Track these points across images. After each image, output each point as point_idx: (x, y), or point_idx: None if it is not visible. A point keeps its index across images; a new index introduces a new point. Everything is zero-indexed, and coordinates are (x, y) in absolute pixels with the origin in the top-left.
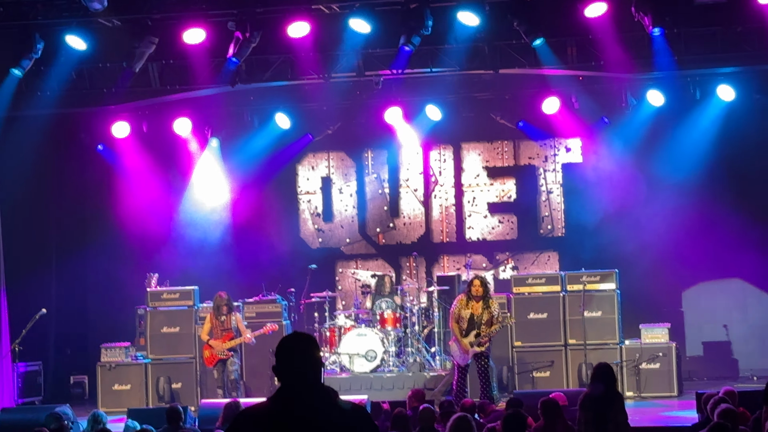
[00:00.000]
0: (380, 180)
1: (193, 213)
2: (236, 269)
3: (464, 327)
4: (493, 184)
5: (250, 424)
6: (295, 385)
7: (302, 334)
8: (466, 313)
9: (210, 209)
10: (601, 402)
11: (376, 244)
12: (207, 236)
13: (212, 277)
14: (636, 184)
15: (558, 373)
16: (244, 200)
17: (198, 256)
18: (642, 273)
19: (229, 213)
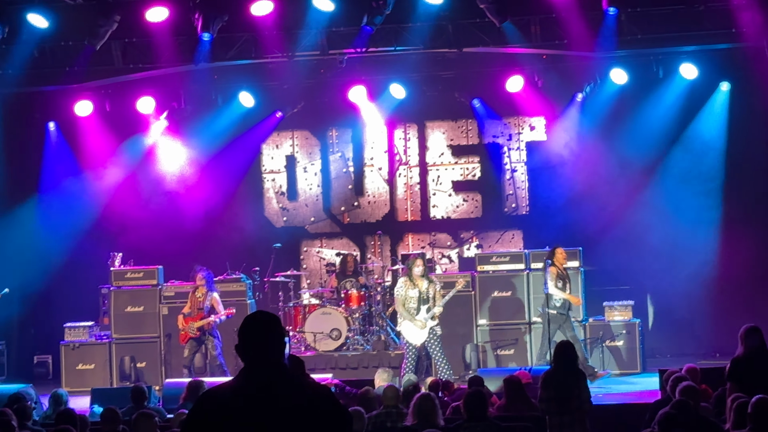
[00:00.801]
0: (345, 159)
1: (156, 192)
2: (200, 248)
3: (414, 306)
4: (457, 162)
5: (214, 404)
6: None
7: (265, 313)
8: (413, 293)
9: (173, 188)
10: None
11: (340, 222)
12: (171, 215)
13: (176, 256)
14: (600, 162)
15: (521, 351)
16: (208, 179)
17: (162, 235)
18: (606, 251)
19: (193, 192)
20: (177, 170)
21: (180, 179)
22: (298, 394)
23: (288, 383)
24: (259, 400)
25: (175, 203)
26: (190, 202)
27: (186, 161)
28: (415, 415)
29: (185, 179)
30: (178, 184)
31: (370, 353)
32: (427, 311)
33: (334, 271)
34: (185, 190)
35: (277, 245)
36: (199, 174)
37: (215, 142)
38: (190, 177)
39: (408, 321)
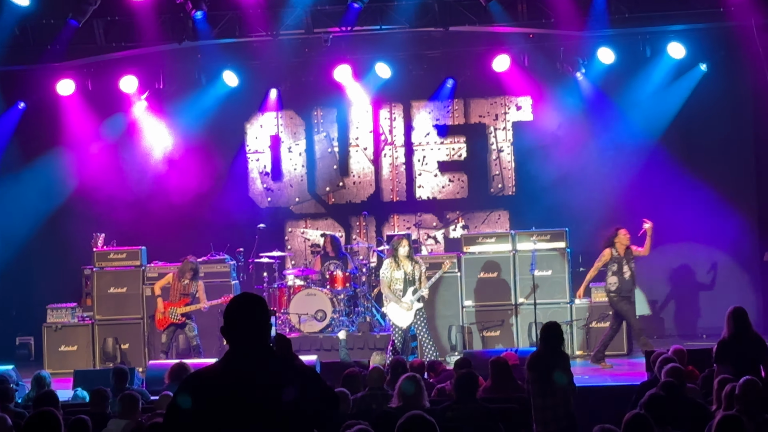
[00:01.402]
0: (329, 139)
1: (140, 172)
2: (184, 229)
3: (400, 288)
4: (443, 142)
5: (200, 386)
6: (244, 346)
7: (251, 294)
8: (398, 274)
9: (157, 168)
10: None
11: (325, 203)
12: (154, 195)
13: (160, 236)
14: (588, 143)
15: (508, 333)
16: (191, 159)
17: (146, 215)
18: (593, 232)
19: (176, 172)
20: (160, 150)
21: (163, 159)
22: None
23: (274, 365)
24: (245, 382)
25: (158, 183)
26: (174, 182)
27: (169, 141)
28: (401, 397)
29: (169, 159)
30: (161, 164)
31: (355, 335)
32: (413, 293)
33: (319, 252)
34: (169, 170)
35: (262, 226)
36: (183, 154)
37: (199, 122)
38: (174, 157)
39: (394, 303)
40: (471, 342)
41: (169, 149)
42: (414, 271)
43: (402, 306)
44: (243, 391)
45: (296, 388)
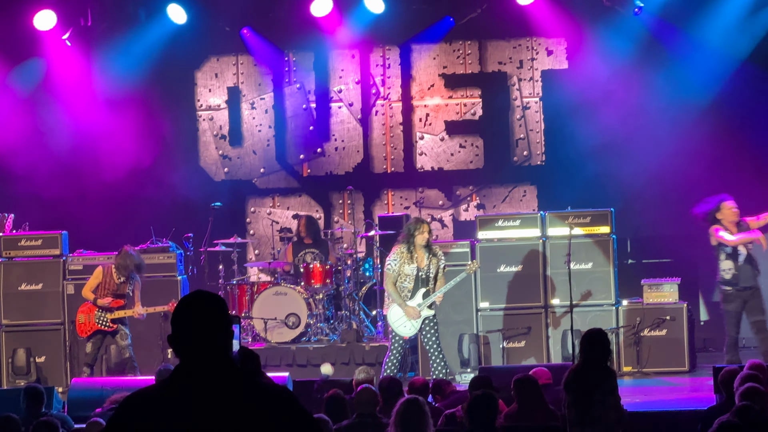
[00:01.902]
0: (305, 91)
1: (59, 133)
2: (116, 208)
3: (409, 287)
4: (452, 96)
5: (140, 412)
6: (197, 361)
7: (205, 293)
8: (410, 268)
9: (81, 130)
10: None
11: (299, 175)
12: (78, 164)
13: (86, 218)
14: (640, 99)
15: (536, 343)
16: (126, 118)
17: (67, 190)
18: (645, 214)
19: (106, 135)
20: (86, 107)
21: (90, 117)
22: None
23: (235, 385)
24: (198, 406)
25: (84, 149)
26: (104, 147)
27: (99, 94)
28: (399, 426)
29: (98, 118)
30: (87, 123)
31: (338, 346)
32: (424, 296)
33: (291, 238)
34: (97, 133)
35: (217, 204)
36: (116, 112)
37: (136, 70)
38: (104, 115)
39: (398, 305)
40: (489, 355)
41: (98, 105)
42: (430, 268)
43: (407, 311)
44: (195, 419)
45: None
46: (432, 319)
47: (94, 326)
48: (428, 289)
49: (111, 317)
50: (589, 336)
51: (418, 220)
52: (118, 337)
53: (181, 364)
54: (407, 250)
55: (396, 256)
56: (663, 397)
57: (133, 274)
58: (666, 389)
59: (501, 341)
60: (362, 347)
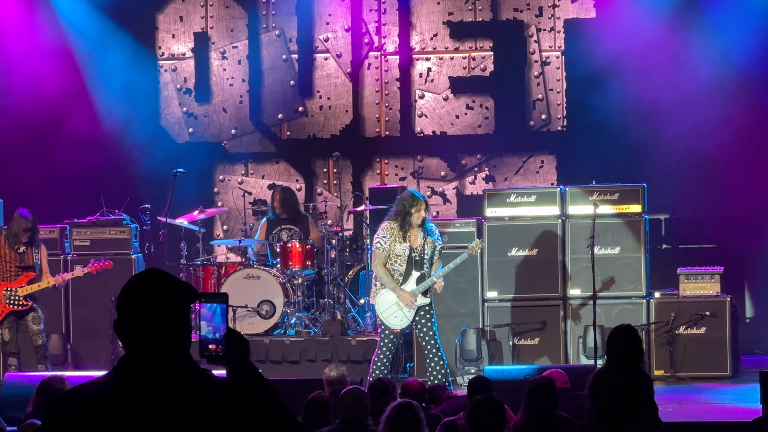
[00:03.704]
0: (285, 39)
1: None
2: (57, 173)
3: (400, 270)
4: (458, 48)
5: (78, 411)
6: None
7: (158, 272)
8: (401, 248)
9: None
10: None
11: (276, 138)
12: (17, 125)
13: (15, 184)
14: (680, 58)
15: (552, 340)
16: (72, 68)
17: (2, 153)
18: (684, 191)
19: (44, 85)
20: (22, 51)
21: (32, 69)
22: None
23: (188, 382)
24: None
25: (25, 106)
26: (40, 101)
27: (40, 40)
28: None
29: (36, 65)
30: (29, 77)
31: (319, 339)
32: (419, 281)
33: (266, 212)
34: (40, 87)
35: (179, 171)
36: (58, 58)
37: (85, 9)
38: (48, 67)
39: (389, 291)
40: (496, 354)
41: (40, 55)
42: (425, 248)
43: (401, 297)
44: (141, 419)
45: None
46: (428, 309)
47: (4, 308)
48: (423, 273)
49: (23, 293)
50: (618, 333)
51: (414, 195)
52: (30, 320)
53: (126, 356)
54: (400, 228)
55: (386, 233)
56: (700, 406)
57: (32, 238)
58: (704, 397)
59: (510, 337)
60: (347, 342)
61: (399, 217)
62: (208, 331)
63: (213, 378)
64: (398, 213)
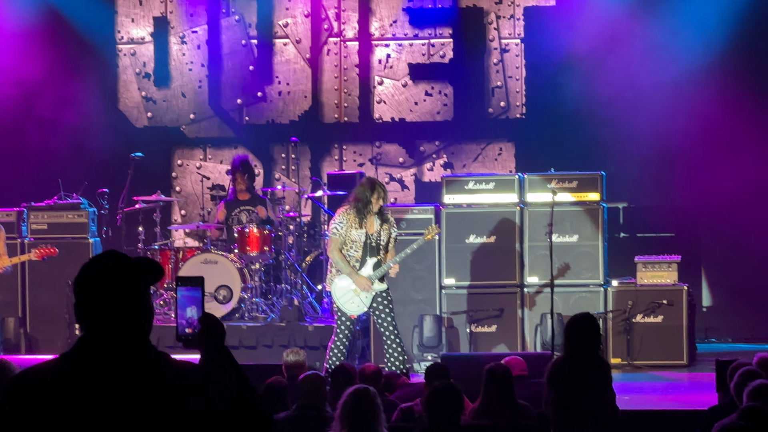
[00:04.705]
0: (244, 25)
1: None
2: (17, 157)
3: (357, 256)
4: (418, 35)
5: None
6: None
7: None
8: (357, 234)
9: None
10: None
11: (235, 123)
12: None
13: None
14: (642, 46)
15: (509, 328)
16: (31, 50)
17: None
18: (642, 179)
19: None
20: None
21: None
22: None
23: (144, 367)
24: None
25: None
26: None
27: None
28: (345, 420)
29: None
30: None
31: (276, 325)
32: (375, 267)
33: (224, 197)
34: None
35: (137, 155)
36: (17, 41)
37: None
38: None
39: (345, 276)
40: (453, 340)
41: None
42: (381, 235)
43: (357, 282)
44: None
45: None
46: (385, 295)
47: None
48: (379, 259)
49: None
50: (577, 321)
51: (373, 182)
52: None
53: (82, 337)
54: (357, 214)
55: (342, 219)
56: (656, 394)
57: None
58: (660, 385)
59: (468, 324)
60: (304, 328)
61: (357, 203)
62: (184, 315)
63: (171, 361)
64: (357, 199)
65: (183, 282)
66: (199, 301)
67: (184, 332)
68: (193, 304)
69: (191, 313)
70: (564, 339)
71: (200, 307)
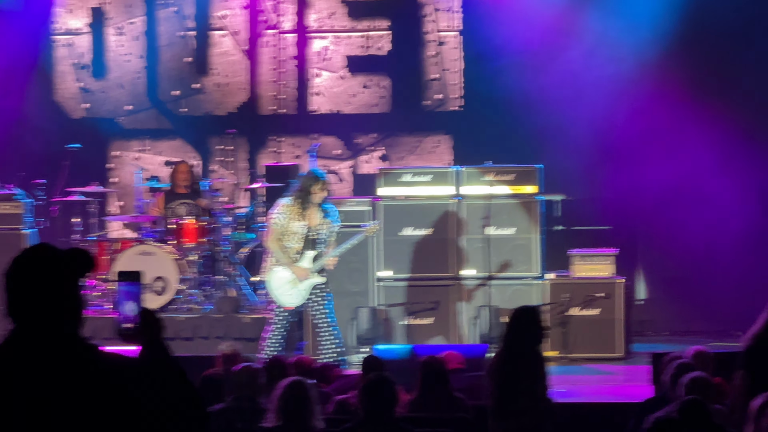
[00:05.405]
0: (181, 16)
1: None
2: None
3: (296, 248)
4: (355, 27)
5: None
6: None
7: (47, 248)
8: (298, 226)
9: None
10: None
11: (172, 114)
12: None
13: None
14: (584, 39)
15: (446, 321)
16: None
17: None
18: (579, 172)
19: None
20: None
21: None
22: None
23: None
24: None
25: None
26: None
27: None
28: (279, 412)
29: None
30: None
31: (213, 317)
32: (315, 260)
33: (161, 189)
34: None
35: (74, 146)
36: None
37: None
38: None
39: (282, 268)
40: (390, 333)
41: None
42: (322, 229)
43: (295, 273)
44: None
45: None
46: (323, 288)
47: None
48: (318, 253)
49: None
50: (522, 314)
51: (316, 174)
52: None
53: (12, 330)
54: (299, 206)
55: (283, 210)
56: (592, 386)
57: None
58: (596, 378)
59: (404, 317)
60: (240, 319)
61: (300, 195)
62: (124, 310)
63: (103, 354)
64: (299, 190)
65: (122, 276)
66: (138, 296)
67: (124, 327)
68: (132, 299)
69: (130, 307)
70: (505, 330)
71: (139, 301)
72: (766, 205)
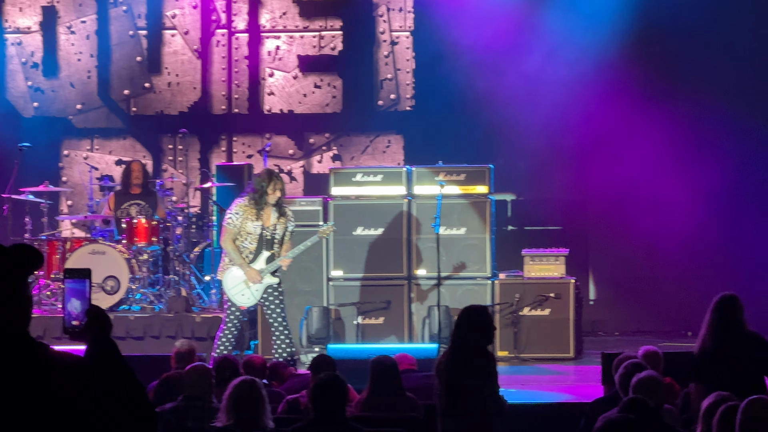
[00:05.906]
0: (132, 15)
1: None
2: None
3: (251, 248)
4: (308, 27)
5: None
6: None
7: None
8: (253, 226)
9: None
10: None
11: (123, 113)
12: None
13: None
14: (537, 39)
15: (397, 320)
16: None
17: None
18: (530, 173)
19: None
20: None
21: None
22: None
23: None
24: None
25: None
26: None
27: None
28: (230, 411)
29: None
30: None
31: (164, 316)
32: (268, 261)
33: (113, 188)
34: None
35: (25, 145)
36: None
37: None
38: None
39: (236, 268)
40: (341, 333)
41: None
42: (276, 228)
43: (248, 274)
44: None
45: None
46: (276, 288)
47: None
48: (273, 253)
49: None
50: (470, 313)
51: (272, 174)
52: None
53: None
54: (254, 205)
55: (238, 210)
56: (543, 386)
57: None
58: (547, 378)
59: (356, 316)
60: (192, 318)
61: (255, 195)
62: (71, 307)
63: (51, 352)
64: (254, 190)
65: (70, 274)
66: (86, 294)
67: (71, 324)
68: (79, 297)
69: (78, 305)
70: (454, 329)
71: (87, 299)
72: (713, 206)
